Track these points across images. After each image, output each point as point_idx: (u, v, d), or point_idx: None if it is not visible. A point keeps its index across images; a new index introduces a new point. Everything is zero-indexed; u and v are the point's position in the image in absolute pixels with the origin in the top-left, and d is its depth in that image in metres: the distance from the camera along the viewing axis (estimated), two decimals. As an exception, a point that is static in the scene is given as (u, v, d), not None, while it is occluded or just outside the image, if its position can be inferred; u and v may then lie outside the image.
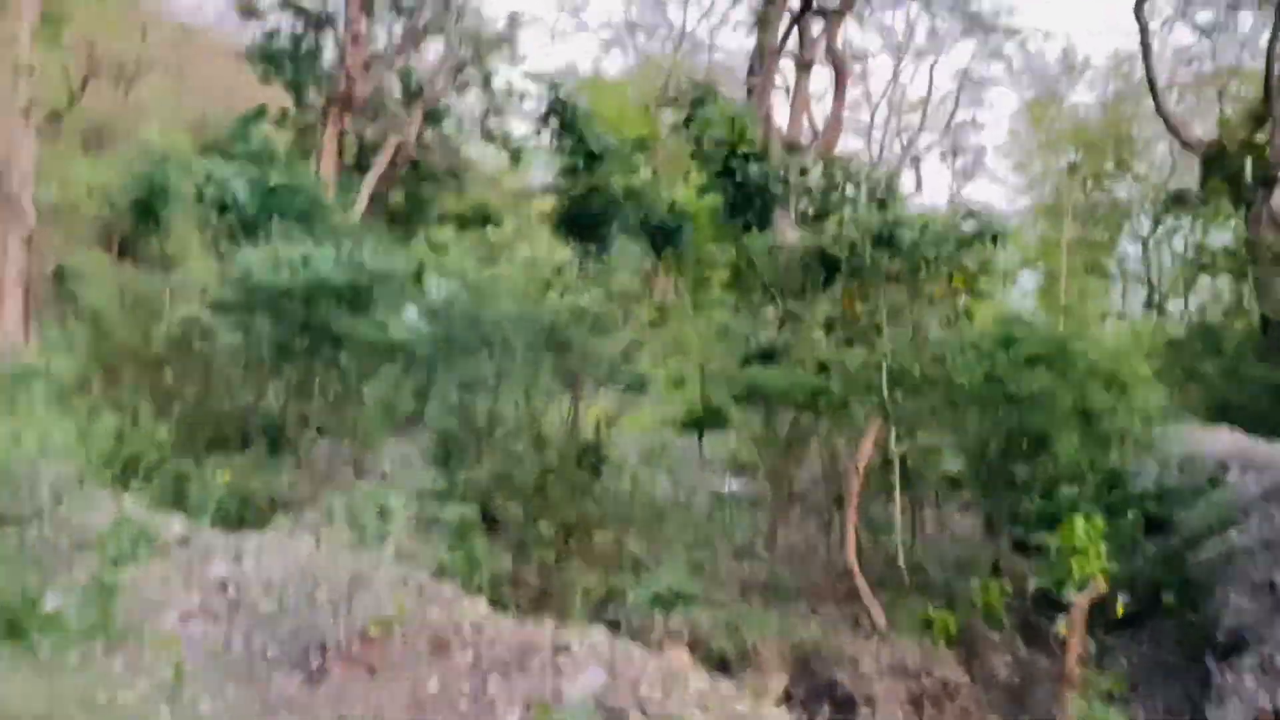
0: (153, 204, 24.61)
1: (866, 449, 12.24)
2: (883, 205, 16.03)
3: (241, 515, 15.36)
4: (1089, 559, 11.13)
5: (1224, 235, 43.32)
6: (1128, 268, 47.40)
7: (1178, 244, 45.64)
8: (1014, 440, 13.45)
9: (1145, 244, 48.07)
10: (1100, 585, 11.06)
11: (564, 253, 29.67)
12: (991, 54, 42.43)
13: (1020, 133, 49.74)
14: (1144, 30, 29.03)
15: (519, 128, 47.26)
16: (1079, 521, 11.14)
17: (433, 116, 39.41)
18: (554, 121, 15.35)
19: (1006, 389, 12.92)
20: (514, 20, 40.11)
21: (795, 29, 34.89)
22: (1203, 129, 37.74)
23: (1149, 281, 47.64)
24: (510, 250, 41.80)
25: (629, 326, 26.58)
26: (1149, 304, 46.95)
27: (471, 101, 43.56)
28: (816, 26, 34.64)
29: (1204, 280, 45.73)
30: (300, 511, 16.78)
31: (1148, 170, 45.56)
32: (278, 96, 39.73)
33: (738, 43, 71.64)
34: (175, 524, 12.43)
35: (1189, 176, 44.11)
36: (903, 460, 13.90)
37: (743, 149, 14.88)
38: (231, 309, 18.09)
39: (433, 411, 27.22)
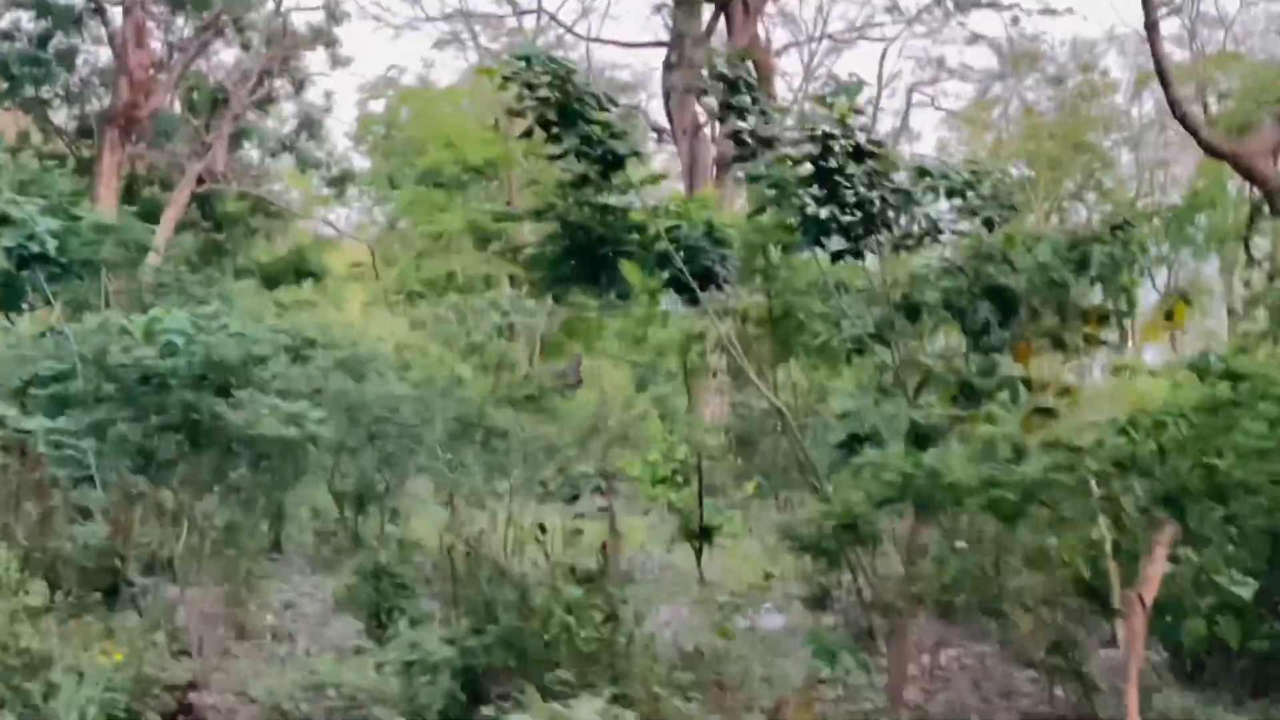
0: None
1: (1157, 571, 10.08)
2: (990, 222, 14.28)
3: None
4: None
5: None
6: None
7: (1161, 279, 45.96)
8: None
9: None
10: None
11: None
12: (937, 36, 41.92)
13: (953, 141, 49.62)
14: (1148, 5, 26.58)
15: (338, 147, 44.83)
16: None
17: (232, 137, 36.32)
18: (546, 111, 12.69)
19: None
20: (334, 11, 37.48)
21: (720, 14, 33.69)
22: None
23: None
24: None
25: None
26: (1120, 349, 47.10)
27: (274, 121, 40.76)
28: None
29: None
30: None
31: (1115, 185, 45.84)
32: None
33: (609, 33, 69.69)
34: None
35: (1173, 190, 44.60)
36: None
37: (845, 143, 12.73)
38: (68, 402, 15.18)
39: (292, 533, 24.47)
